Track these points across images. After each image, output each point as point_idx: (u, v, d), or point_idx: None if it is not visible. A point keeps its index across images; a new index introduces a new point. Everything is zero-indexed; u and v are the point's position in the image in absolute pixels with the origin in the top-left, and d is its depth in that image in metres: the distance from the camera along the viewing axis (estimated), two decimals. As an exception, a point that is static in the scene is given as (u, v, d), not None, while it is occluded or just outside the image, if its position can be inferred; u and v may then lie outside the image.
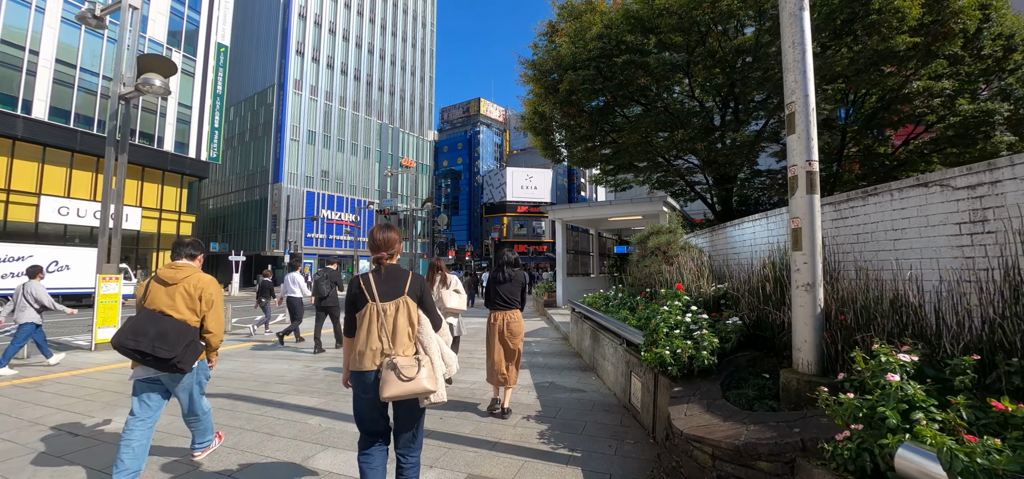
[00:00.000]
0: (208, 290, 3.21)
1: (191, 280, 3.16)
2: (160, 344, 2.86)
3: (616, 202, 13.49)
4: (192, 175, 35.45)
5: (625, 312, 6.15)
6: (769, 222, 5.28)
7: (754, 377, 3.50)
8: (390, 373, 2.41)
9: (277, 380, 6.47)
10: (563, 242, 14.87)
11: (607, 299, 7.82)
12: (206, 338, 3.23)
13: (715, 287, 4.52)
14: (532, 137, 21.63)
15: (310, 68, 44.62)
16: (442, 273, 5.69)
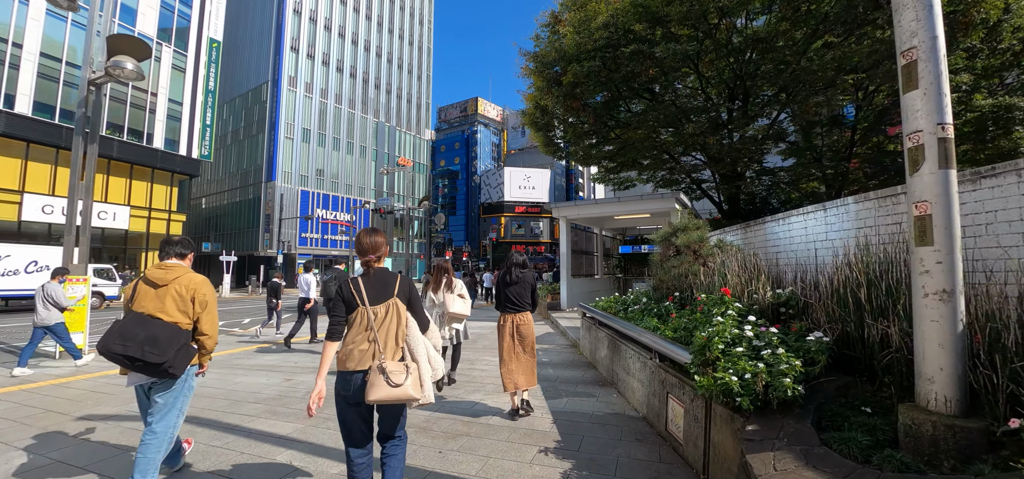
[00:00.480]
0: (201, 291, 3.03)
1: (182, 281, 2.99)
2: (150, 348, 2.71)
3: (624, 199, 12.68)
4: (183, 173, 34.43)
5: (652, 320, 5.31)
6: (828, 215, 4.48)
7: (853, 413, 2.66)
8: (378, 377, 2.41)
9: (250, 398, 5.60)
10: (568, 241, 14.03)
11: (625, 303, 6.99)
12: (200, 341, 3.05)
13: (774, 292, 3.69)
14: (532, 133, 20.80)
15: (305, 64, 43.63)
16: (449, 276, 5.47)
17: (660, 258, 6.53)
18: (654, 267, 6.72)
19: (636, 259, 19.29)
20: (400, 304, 2.60)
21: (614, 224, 16.73)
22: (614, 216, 14.15)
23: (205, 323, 3.05)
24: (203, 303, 3.03)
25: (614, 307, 7.46)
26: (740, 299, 4.07)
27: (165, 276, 2.96)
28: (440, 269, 5.58)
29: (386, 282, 2.62)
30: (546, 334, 10.70)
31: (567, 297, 13.76)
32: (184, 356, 2.89)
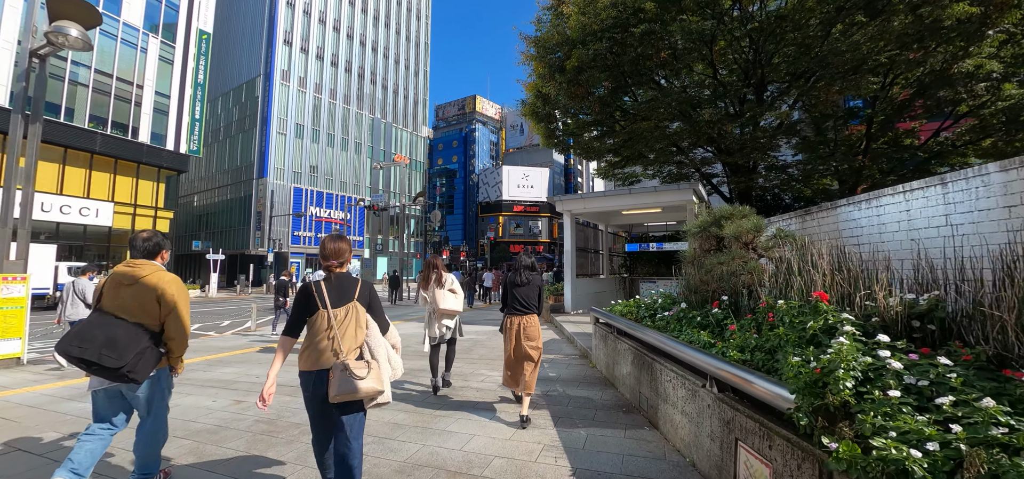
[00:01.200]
0: (169, 291, 2.82)
1: (149, 280, 2.80)
2: (108, 351, 2.54)
3: (636, 191, 11.45)
4: (170, 169, 33.07)
5: (696, 333, 4.09)
6: (950, 191, 3.28)
7: None
8: (339, 374, 2.49)
9: (180, 430, 4.34)
10: (572, 238, 12.81)
11: (651, 309, 5.77)
12: (168, 344, 2.85)
13: (902, 298, 2.47)
14: (532, 124, 19.58)
15: (299, 59, 42.32)
16: (438, 271, 5.26)
17: (696, 254, 5.31)
18: (686, 265, 5.49)
19: (643, 258, 18.08)
20: (360, 307, 2.68)
21: (621, 220, 15.54)
22: (622, 211, 12.94)
23: (172, 326, 2.83)
24: (170, 304, 2.82)
25: (635, 312, 6.24)
26: (841, 306, 2.85)
27: (132, 274, 2.80)
28: (429, 265, 5.35)
29: (347, 286, 2.71)
30: (551, 341, 9.47)
31: (572, 299, 12.54)
32: (147, 361, 2.69)
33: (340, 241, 2.79)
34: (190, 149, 34.27)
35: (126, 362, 2.56)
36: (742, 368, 2.83)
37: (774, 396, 2.43)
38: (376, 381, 2.53)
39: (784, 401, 2.32)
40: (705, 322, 4.31)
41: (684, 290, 5.50)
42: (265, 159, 39.35)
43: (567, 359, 7.61)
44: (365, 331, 2.68)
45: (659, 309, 5.56)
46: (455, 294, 5.27)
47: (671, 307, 5.48)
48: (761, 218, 4.61)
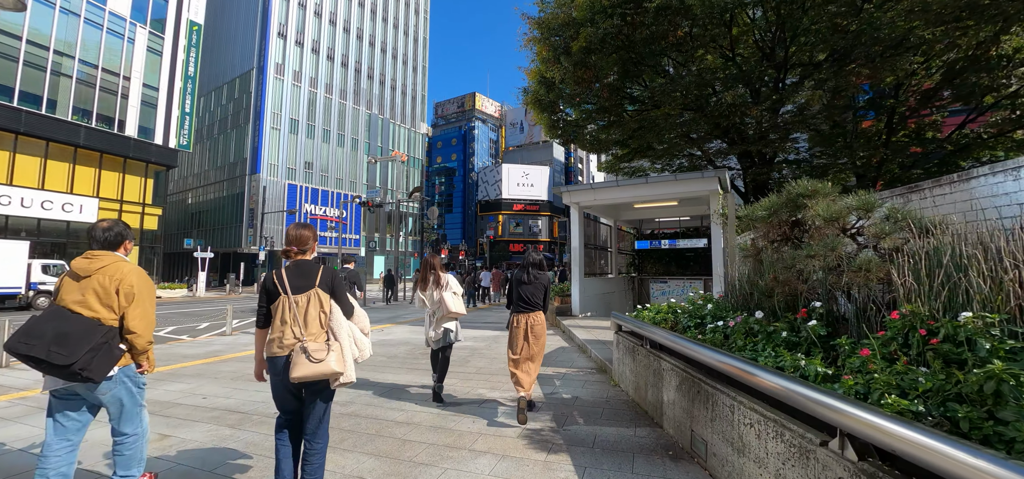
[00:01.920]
0: (128, 280, 2.62)
1: (108, 271, 2.60)
2: (57, 348, 2.37)
3: (653, 180, 10.17)
4: (158, 164, 31.78)
5: (790, 356, 2.82)
6: None
7: None
8: (300, 356, 2.52)
9: None
10: (580, 234, 11.55)
11: (695, 315, 4.53)
12: (129, 340, 2.63)
13: None
14: (535, 114, 18.32)
15: (293, 52, 40.98)
16: (436, 272, 5.00)
17: (760, 246, 4.05)
18: (748, 259, 4.24)
19: (653, 257, 16.81)
20: (321, 293, 2.70)
21: (631, 215, 14.28)
22: (635, 203, 11.69)
23: (132, 318, 2.62)
24: (129, 295, 2.62)
25: (672, 319, 4.99)
26: None
27: (89, 266, 2.61)
28: (426, 265, 5.08)
29: (308, 273, 2.73)
30: (559, 350, 8.21)
31: (580, 300, 11.28)
32: (104, 358, 2.49)
33: (303, 229, 2.86)
34: (180, 144, 32.99)
35: (77, 359, 2.38)
36: (948, 440, 1.56)
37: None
38: (337, 363, 2.58)
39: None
40: (793, 338, 3.05)
41: (740, 293, 4.24)
42: (258, 155, 38.01)
43: (582, 375, 6.35)
44: (327, 315, 2.71)
45: (708, 317, 4.31)
46: (456, 296, 4.97)
47: (722, 315, 4.23)
48: (871, 194, 3.35)
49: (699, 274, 16.09)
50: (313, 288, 2.67)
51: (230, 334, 11.57)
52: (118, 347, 2.60)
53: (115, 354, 2.57)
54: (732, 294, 4.75)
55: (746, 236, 5.32)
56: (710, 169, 16.11)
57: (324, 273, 2.75)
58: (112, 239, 2.77)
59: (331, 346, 2.60)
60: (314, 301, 2.66)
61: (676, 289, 15.94)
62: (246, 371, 6.84)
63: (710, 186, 9.67)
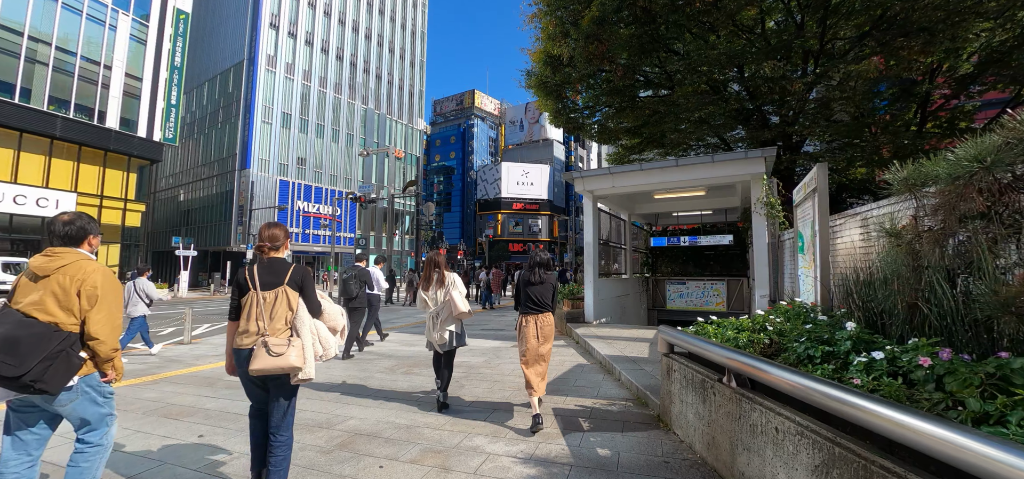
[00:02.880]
0: (90, 281, 2.34)
1: (69, 270, 2.34)
2: (6, 357, 2.12)
3: (686, 163, 8.47)
4: (142, 157, 30.07)
5: None
6: None
7: None
8: (261, 349, 2.58)
9: None
10: (595, 228, 9.90)
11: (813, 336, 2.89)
12: (91, 346, 2.36)
13: None
14: (539, 100, 16.65)
15: (286, 44, 39.25)
16: (440, 271, 4.65)
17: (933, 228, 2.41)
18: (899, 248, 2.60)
19: (668, 256, 15.19)
20: (290, 290, 2.73)
21: (649, 207, 12.70)
22: (656, 193, 10.08)
23: (95, 323, 2.34)
24: (92, 297, 2.35)
25: (762, 341, 3.35)
26: None
27: (48, 265, 2.35)
28: (430, 263, 4.67)
29: (278, 270, 2.77)
30: (576, 368, 6.56)
31: (594, 305, 9.63)
32: (60, 368, 2.22)
33: (275, 228, 2.90)
34: (165, 137, 31.28)
35: (28, 369, 2.12)
36: None
37: None
38: (297, 358, 2.61)
39: None
40: None
41: (869, 305, 2.60)
42: (248, 149, 36.27)
43: (617, 411, 4.67)
44: (294, 312, 2.73)
45: (841, 344, 2.66)
46: (462, 296, 4.65)
47: (872, 343, 2.59)
48: None
49: (720, 274, 14.47)
50: (282, 285, 2.73)
51: (189, 343, 9.91)
52: (78, 355, 2.35)
53: (74, 363, 2.32)
54: (854, 304, 3.11)
55: (881, 209, 3.68)
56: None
57: (294, 271, 2.80)
58: (73, 234, 2.51)
59: (292, 342, 2.64)
60: (282, 298, 2.71)
61: (695, 291, 14.31)
62: (177, 399, 5.20)
63: (752, 169, 8.04)
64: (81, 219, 2.55)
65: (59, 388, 2.24)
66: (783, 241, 8.04)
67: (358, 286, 7.67)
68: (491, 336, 9.83)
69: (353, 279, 7.69)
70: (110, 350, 2.41)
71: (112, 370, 2.49)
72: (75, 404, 2.36)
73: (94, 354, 2.39)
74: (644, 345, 7.32)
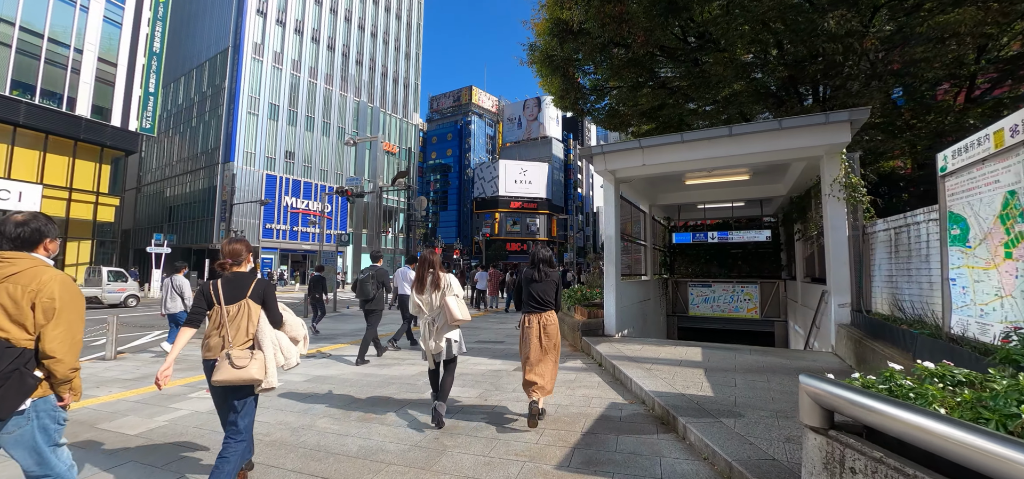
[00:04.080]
0: (47, 292, 2.07)
1: (21, 278, 2.06)
2: None
3: (738, 133, 6.41)
4: (116, 148, 27.89)
5: None
6: None
7: None
8: (224, 362, 2.64)
9: None
10: (616, 218, 7.88)
11: None
12: (47, 365, 2.08)
13: None
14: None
15: (274, 32, 37.03)
16: (435, 271, 4.17)
17: None
18: None
19: (689, 255, 13.25)
20: (252, 304, 2.80)
21: (674, 197, 10.75)
22: (690, 176, 8.12)
23: (52, 339, 2.06)
24: (48, 310, 2.06)
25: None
26: None
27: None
28: (424, 262, 4.20)
29: (241, 284, 2.82)
30: (609, 413, 4.52)
31: (616, 314, 7.62)
32: (11, 390, 1.97)
33: (236, 244, 2.94)
34: (143, 127, 29.10)
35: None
36: None
37: None
38: (258, 370, 2.66)
39: None
40: None
41: None
42: (232, 141, 34.04)
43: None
44: (256, 325, 2.78)
45: None
46: (459, 299, 4.11)
47: None
48: None
49: (751, 276, 12.51)
50: (244, 298, 2.77)
51: (111, 358, 7.86)
52: (32, 375, 2.08)
53: (28, 383, 2.05)
54: None
55: None
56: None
57: (256, 285, 2.84)
58: (27, 237, 2.19)
59: (254, 355, 2.69)
60: (244, 311, 2.76)
61: (722, 296, 12.35)
62: None
63: (831, 137, 6.04)
64: (36, 220, 2.26)
65: (10, 412, 2.02)
66: (870, 234, 6.07)
67: (375, 287, 7.27)
68: (488, 352, 7.80)
69: (370, 279, 7.29)
70: (69, 370, 2.15)
71: (70, 393, 2.22)
72: (23, 431, 2.08)
73: (50, 374, 2.12)
74: (697, 373, 5.33)
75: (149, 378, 6.32)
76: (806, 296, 8.91)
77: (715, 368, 5.51)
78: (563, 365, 6.50)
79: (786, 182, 9.23)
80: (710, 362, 5.83)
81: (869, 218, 6.27)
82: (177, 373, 6.54)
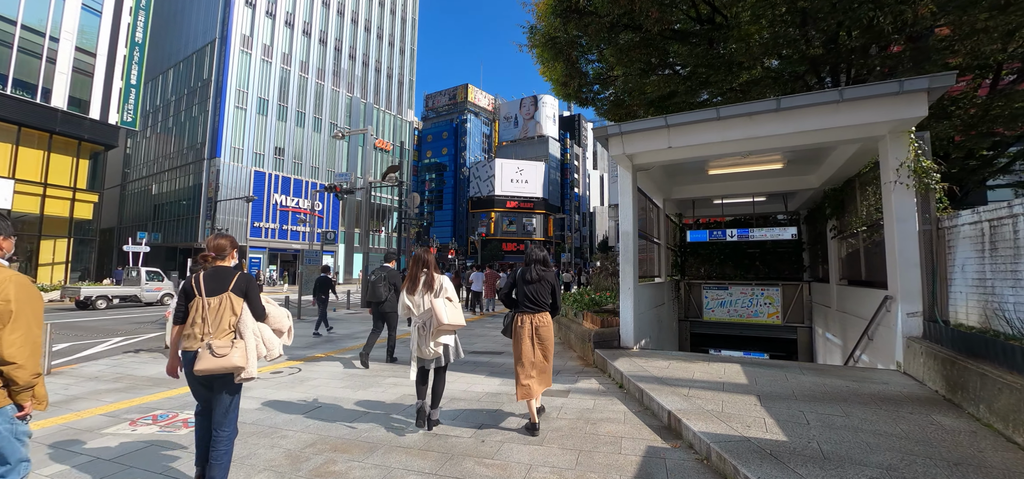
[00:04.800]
0: (2, 294, 1.98)
1: None
2: None
3: (787, 106, 5.28)
4: (95, 142, 26.52)
5: None
6: None
7: None
8: (205, 351, 2.66)
9: None
10: (633, 212, 6.75)
11: None
12: (6, 373, 1.98)
13: None
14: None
15: (264, 24, 35.67)
16: (429, 272, 3.95)
17: None
18: None
19: (704, 254, 12.21)
20: (234, 297, 2.80)
21: (691, 189, 9.65)
22: (719, 163, 7.00)
23: (9, 344, 1.96)
24: (4, 314, 1.97)
25: None
26: None
27: None
28: (417, 261, 3.97)
29: (223, 278, 2.84)
30: (649, 464, 3.39)
31: (634, 321, 6.51)
32: None
33: (221, 239, 2.97)
34: (124, 120, 27.75)
35: None
36: None
37: None
38: (239, 358, 2.68)
39: None
40: None
41: None
42: (218, 136, 32.66)
43: None
44: (238, 317, 2.80)
45: None
46: (453, 304, 3.86)
47: None
48: None
49: (770, 278, 11.46)
50: (226, 292, 2.79)
51: (45, 373, 6.63)
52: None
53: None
54: None
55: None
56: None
57: (239, 279, 2.86)
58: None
59: (235, 344, 2.72)
60: (226, 303, 2.77)
61: (740, 299, 11.27)
62: None
63: (906, 111, 4.96)
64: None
65: None
66: (949, 229, 4.99)
67: (387, 289, 7.04)
68: (484, 367, 6.66)
69: (382, 281, 7.07)
70: (30, 376, 2.06)
71: (31, 401, 2.10)
72: None
73: (10, 382, 2.02)
74: (749, 401, 4.23)
75: (72, 404, 5.14)
76: (846, 301, 7.84)
77: (770, 394, 4.41)
78: (576, 387, 5.37)
79: (821, 173, 8.16)
80: (759, 385, 4.73)
81: (943, 209, 5.19)
82: (107, 395, 5.37)
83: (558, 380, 5.63)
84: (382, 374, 6.32)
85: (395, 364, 6.88)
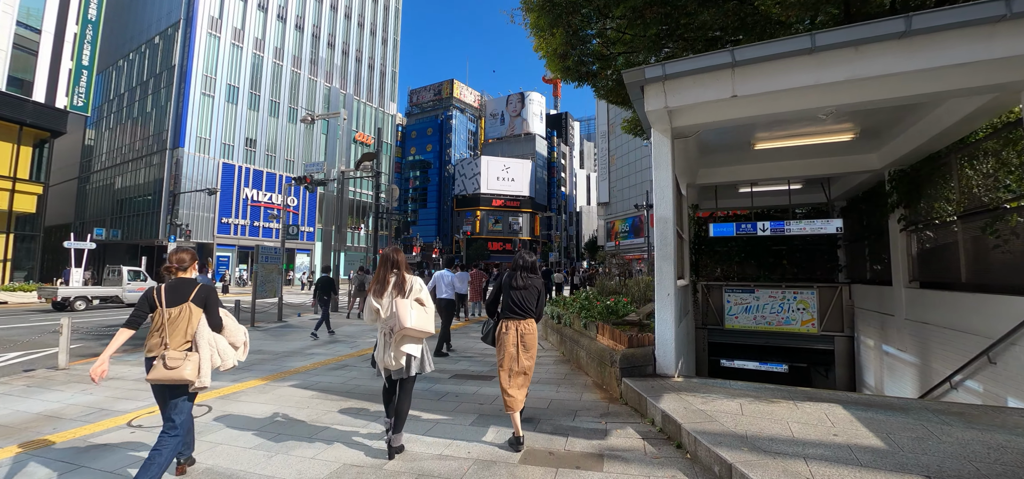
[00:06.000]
0: None
1: None
2: None
3: (920, 26, 3.65)
4: (40, 128, 23.80)
5: None
6: None
7: None
8: (159, 363, 2.74)
9: None
10: (673, 191, 4.98)
11: None
12: None
13: None
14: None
15: (234, 6, 33.11)
16: (400, 271, 3.53)
17: None
18: None
19: (721, 251, 10.60)
20: (193, 307, 2.90)
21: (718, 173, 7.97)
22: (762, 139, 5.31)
23: None
24: None
25: None
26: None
27: None
28: (386, 261, 3.53)
29: (183, 289, 2.93)
30: None
31: (675, 340, 4.73)
32: None
33: (182, 252, 3.08)
34: (74, 105, 25.08)
35: None
36: None
37: None
38: (190, 372, 2.75)
39: None
40: None
41: None
42: (182, 125, 30.06)
43: None
44: (195, 328, 2.89)
45: None
46: (424, 307, 3.47)
47: None
48: None
49: (802, 279, 9.86)
50: (186, 302, 2.88)
51: None
52: None
53: None
54: None
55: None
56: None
57: (199, 291, 2.95)
58: None
59: (189, 356, 2.78)
60: (185, 314, 2.86)
61: (768, 304, 9.59)
62: None
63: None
64: None
65: None
66: None
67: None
68: (469, 398, 4.82)
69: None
70: None
71: None
72: None
73: None
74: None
75: None
76: (930, 310, 6.19)
77: (940, 472, 2.65)
78: (609, 446, 3.55)
79: (891, 149, 6.51)
80: (904, 452, 2.98)
81: None
82: None
83: (577, 432, 3.84)
84: (338, 418, 4.42)
85: None
